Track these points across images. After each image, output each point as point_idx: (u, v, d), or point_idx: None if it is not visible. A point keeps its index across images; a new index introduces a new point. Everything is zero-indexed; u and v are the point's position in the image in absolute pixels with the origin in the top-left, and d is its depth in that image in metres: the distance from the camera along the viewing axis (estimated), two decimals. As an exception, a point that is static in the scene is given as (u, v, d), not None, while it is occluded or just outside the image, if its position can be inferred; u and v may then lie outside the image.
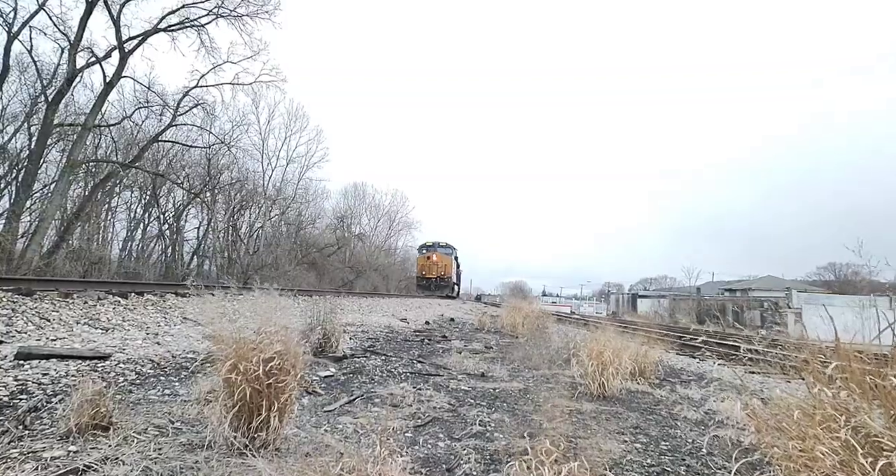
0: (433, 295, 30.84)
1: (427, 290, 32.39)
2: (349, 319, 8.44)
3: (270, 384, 2.08)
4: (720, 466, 2.39)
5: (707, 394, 4.18)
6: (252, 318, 2.27)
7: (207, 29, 18.51)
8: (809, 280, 50.82)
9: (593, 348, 4.04)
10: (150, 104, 19.92)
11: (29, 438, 2.01)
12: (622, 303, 56.55)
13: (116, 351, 3.75)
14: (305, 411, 2.85)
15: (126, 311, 5.50)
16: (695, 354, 9.65)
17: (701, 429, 3.15)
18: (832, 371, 1.51)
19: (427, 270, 33.01)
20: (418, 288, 33.60)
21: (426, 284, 32.82)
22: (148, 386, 3.05)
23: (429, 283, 32.74)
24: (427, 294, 30.96)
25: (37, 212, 17.17)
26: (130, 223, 24.76)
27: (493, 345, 7.36)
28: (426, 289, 32.55)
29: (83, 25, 16.04)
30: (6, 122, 18.11)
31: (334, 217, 37.77)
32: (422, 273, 33.38)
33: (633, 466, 2.35)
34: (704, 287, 53.87)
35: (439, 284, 32.75)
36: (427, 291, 32.01)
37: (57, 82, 16.67)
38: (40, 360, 3.18)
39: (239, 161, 26.53)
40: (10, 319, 4.19)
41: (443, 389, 3.76)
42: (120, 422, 2.19)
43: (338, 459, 1.67)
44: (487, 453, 2.36)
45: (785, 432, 1.54)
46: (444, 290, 32.76)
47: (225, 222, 28.28)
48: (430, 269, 32.84)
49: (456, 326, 11.14)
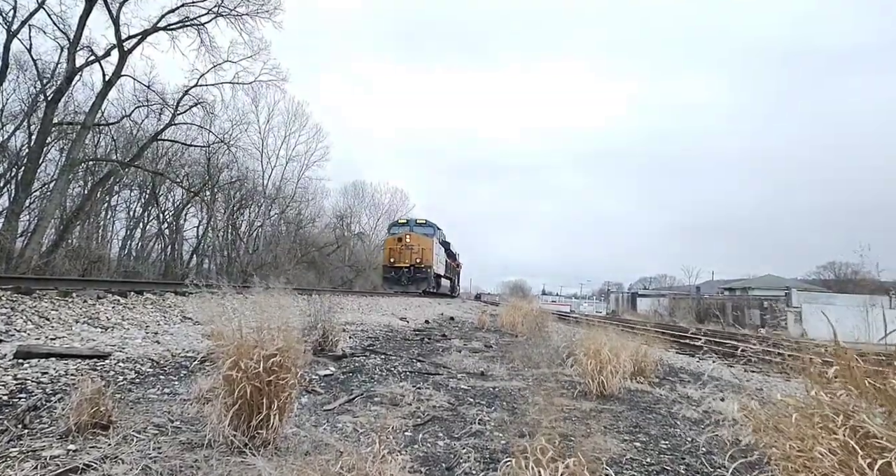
0: (408, 292, 21.99)
1: (397, 284, 23.00)
2: (349, 318, 8.45)
3: (271, 382, 2.08)
4: (720, 465, 2.39)
5: (707, 393, 4.19)
6: (252, 316, 2.27)
7: (207, 28, 18.49)
8: (809, 279, 50.86)
9: (591, 347, 4.04)
10: (150, 103, 19.91)
11: (28, 437, 2.01)
12: (622, 302, 56.58)
13: (116, 350, 3.74)
14: (305, 410, 2.85)
15: (125, 310, 5.50)
16: (694, 353, 9.66)
17: (700, 428, 3.15)
18: (832, 374, 1.51)
19: (397, 257, 23.55)
20: (385, 283, 24.03)
21: (395, 277, 23.36)
22: (147, 385, 3.05)
23: (399, 276, 23.28)
24: (399, 291, 21.92)
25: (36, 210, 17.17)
26: (130, 222, 24.77)
27: (493, 344, 7.36)
28: (395, 283, 23.15)
29: (82, 24, 16.00)
30: (6, 121, 18.08)
31: (334, 216, 37.73)
32: (390, 260, 23.75)
33: (632, 465, 2.35)
34: (704, 286, 53.90)
35: (415, 277, 23.32)
36: (397, 287, 22.72)
37: (56, 81, 16.63)
38: (40, 359, 3.18)
39: (238, 160, 26.50)
40: (9, 318, 4.18)
41: (442, 388, 3.76)
42: (119, 420, 2.19)
43: (337, 458, 1.67)
44: (487, 452, 2.36)
45: (783, 433, 1.54)
46: (420, 283, 23.42)
47: (224, 221, 28.26)
48: (401, 255, 23.51)
49: (455, 325, 11.14)
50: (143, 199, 24.75)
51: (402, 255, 23.53)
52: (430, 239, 24.73)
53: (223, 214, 28.01)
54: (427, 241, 24.34)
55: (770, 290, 38.61)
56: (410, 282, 23.23)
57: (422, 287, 23.33)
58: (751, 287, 44.76)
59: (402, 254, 23.56)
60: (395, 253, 23.76)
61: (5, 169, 17.81)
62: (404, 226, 25.94)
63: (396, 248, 23.75)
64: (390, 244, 24.52)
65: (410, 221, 26.09)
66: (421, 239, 24.17)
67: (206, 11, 17.98)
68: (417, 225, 25.87)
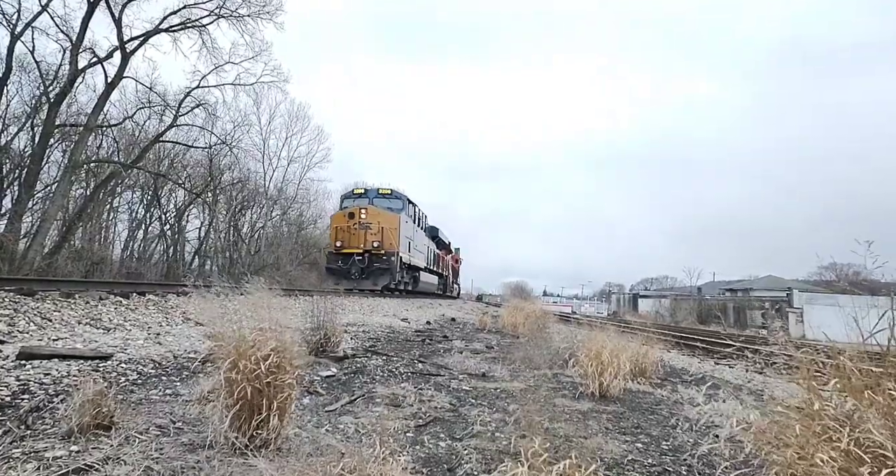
0: (363, 288, 15.66)
1: (344, 277, 15.84)
2: (350, 319, 8.45)
3: (270, 383, 2.08)
4: (721, 467, 2.39)
5: (708, 394, 4.17)
6: (251, 317, 2.28)
7: (209, 29, 18.59)
8: (811, 280, 50.66)
9: (592, 348, 4.04)
10: (152, 104, 20.02)
11: (31, 438, 2.01)
12: (623, 303, 56.50)
13: (118, 351, 3.75)
14: (307, 411, 2.85)
15: (127, 312, 5.51)
16: (696, 354, 9.64)
17: (702, 429, 3.14)
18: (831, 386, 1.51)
19: (346, 239, 16.31)
20: (328, 275, 16.78)
21: (343, 268, 16.01)
22: (149, 386, 3.06)
23: (349, 265, 15.97)
24: (350, 288, 15.19)
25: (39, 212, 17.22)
26: (132, 223, 24.85)
27: (494, 345, 7.36)
28: (342, 276, 15.85)
29: (85, 26, 16.09)
30: (9, 123, 18.15)
31: (335, 217, 37.71)
32: (336, 244, 16.44)
33: (633, 466, 2.35)
34: (705, 287, 53.75)
35: (371, 267, 16.02)
36: (345, 280, 15.68)
37: (59, 83, 16.71)
38: (42, 360, 3.19)
39: (240, 161, 26.63)
40: (11, 319, 4.20)
41: (444, 389, 3.76)
42: (121, 421, 2.20)
43: (339, 459, 1.67)
44: (489, 453, 2.36)
45: (784, 440, 1.54)
46: (379, 277, 16.14)
47: (226, 222, 28.33)
48: (351, 235, 16.24)
49: (457, 326, 11.14)
50: (146, 201, 24.84)
51: (352, 237, 16.24)
52: (395, 215, 17.02)
53: (225, 216, 28.08)
54: (391, 218, 16.78)
55: (771, 290, 38.52)
56: (364, 274, 15.97)
57: (381, 281, 16.14)
58: (752, 288, 44.68)
59: (353, 234, 16.24)
60: (343, 233, 16.38)
61: (8, 170, 17.87)
62: (361, 197, 17.79)
63: (345, 227, 16.39)
64: (338, 222, 16.92)
65: (370, 191, 18.09)
66: (382, 214, 16.65)
67: (208, 13, 18.08)
68: (380, 196, 17.87)
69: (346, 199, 18.58)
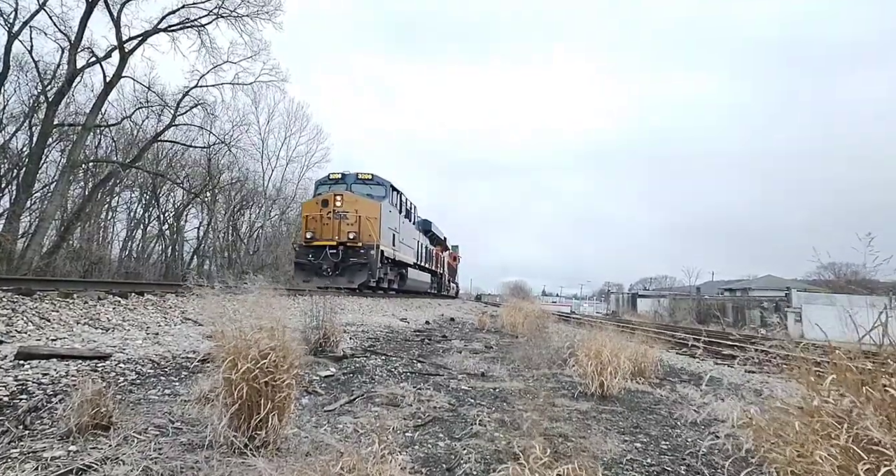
0: (338, 287, 13.48)
1: (315, 273, 13.84)
2: (349, 319, 8.45)
3: (268, 382, 2.08)
4: (720, 466, 2.39)
5: (707, 393, 4.18)
6: (251, 316, 2.27)
7: (207, 29, 18.58)
8: (809, 280, 50.75)
9: (591, 348, 4.04)
10: (151, 104, 20.00)
11: (29, 438, 2.01)
12: (622, 302, 56.59)
13: (116, 351, 3.75)
14: (306, 411, 2.85)
15: (126, 311, 5.50)
16: (695, 354, 9.65)
17: (701, 428, 3.15)
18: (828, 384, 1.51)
19: (318, 230, 14.17)
20: (297, 271, 14.58)
21: (315, 265, 13.82)
22: (148, 386, 3.06)
23: (320, 259, 13.79)
24: (322, 283, 13.60)
25: (37, 212, 17.19)
26: (131, 223, 24.81)
27: (493, 344, 7.36)
28: (313, 272, 13.85)
29: (83, 25, 16.06)
30: (7, 122, 18.11)
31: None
32: (307, 236, 14.28)
33: (632, 466, 2.35)
34: (704, 287, 53.86)
35: (347, 262, 13.84)
36: (316, 277, 13.80)
37: (57, 82, 16.67)
38: (40, 360, 3.18)
39: (239, 161, 26.60)
40: (10, 319, 4.19)
41: (443, 389, 3.76)
42: (120, 422, 2.19)
43: (338, 459, 1.67)
44: (488, 453, 2.36)
45: (783, 438, 1.54)
46: (356, 273, 13.91)
47: (225, 222, 28.30)
48: (324, 226, 14.15)
49: (456, 326, 11.14)
50: (144, 201, 24.81)
51: (325, 227, 14.09)
52: (376, 203, 14.69)
53: (224, 215, 28.05)
54: (371, 206, 14.47)
55: (770, 290, 38.60)
56: (338, 270, 13.81)
57: (358, 279, 13.94)
58: (751, 288, 44.76)
59: (325, 224, 14.08)
60: (314, 223, 14.24)
61: (6, 170, 17.84)
62: (338, 183, 15.50)
63: (317, 216, 14.20)
64: (309, 210, 14.88)
65: (348, 176, 15.58)
66: (361, 202, 14.40)
67: (207, 13, 18.07)
68: (359, 182, 15.50)
69: (321, 185, 16.03)
